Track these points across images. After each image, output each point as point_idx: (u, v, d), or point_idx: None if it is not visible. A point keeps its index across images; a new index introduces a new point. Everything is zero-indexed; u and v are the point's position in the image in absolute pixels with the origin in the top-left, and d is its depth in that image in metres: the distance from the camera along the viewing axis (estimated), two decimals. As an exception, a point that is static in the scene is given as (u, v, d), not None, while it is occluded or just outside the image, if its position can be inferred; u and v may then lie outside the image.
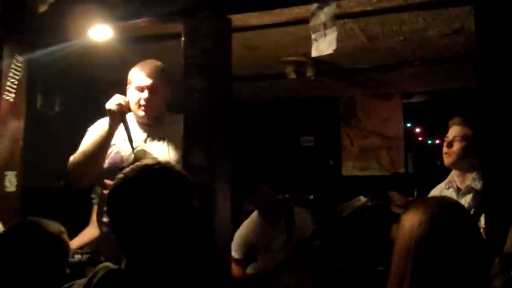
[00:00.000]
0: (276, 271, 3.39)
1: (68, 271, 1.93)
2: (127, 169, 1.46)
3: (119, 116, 2.51)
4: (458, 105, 5.16)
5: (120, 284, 1.36)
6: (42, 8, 2.68)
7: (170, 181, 1.43)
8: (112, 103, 2.50)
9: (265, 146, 5.54)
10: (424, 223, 1.44)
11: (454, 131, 2.80)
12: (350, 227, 4.13)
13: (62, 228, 1.94)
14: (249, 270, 3.71)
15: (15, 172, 2.76)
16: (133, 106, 2.64)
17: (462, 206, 1.60)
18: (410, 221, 1.47)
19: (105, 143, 2.56)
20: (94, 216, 3.46)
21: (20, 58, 2.78)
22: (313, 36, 2.26)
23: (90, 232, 3.43)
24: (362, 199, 3.69)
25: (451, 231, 1.43)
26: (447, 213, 1.47)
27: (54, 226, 1.92)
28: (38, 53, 2.80)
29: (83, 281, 1.40)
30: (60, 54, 2.84)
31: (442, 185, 2.86)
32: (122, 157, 2.63)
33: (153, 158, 2.36)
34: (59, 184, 3.91)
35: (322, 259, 3.65)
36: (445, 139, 2.82)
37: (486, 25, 1.96)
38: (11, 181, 2.74)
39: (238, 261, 3.71)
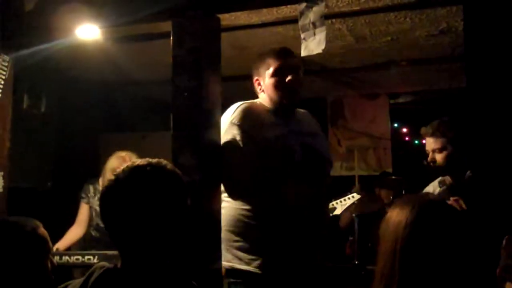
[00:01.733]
0: None
1: (50, 265, 1.86)
2: (119, 171, 1.46)
3: None
4: (444, 105, 5.21)
5: (118, 283, 1.36)
6: (29, 7, 2.65)
7: (161, 182, 1.44)
8: None
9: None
10: (408, 223, 1.41)
11: (429, 144, 2.72)
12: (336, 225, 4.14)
13: (36, 223, 1.83)
14: None
15: (2, 173, 2.72)
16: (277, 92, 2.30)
17: (446, 203, 1.57)
18: (395, 221, 1.44)
19: None
20: (81, 216, 3.43)
21: (6, 58, 2.74)
22: (302, 36, 2.26)
23: (76, 231, 3.39)
24: (356, 196, 3.69)
25: (435, 230, 1.40)
26: (430, 212, 1.44)
27: (27, 222, 1.87)
28: (24, 52, 2.75)
29: (78, 281, 1.39)
30: (46, 53, 2.80)
31: (435, 183, 2.83)
32: None
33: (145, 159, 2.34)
34: (46, 185, 3.89)
35: None
36: (426, 151, 2.73)
37: (475, 24, 1.97)
38: (-2, 182, 2.70)
39: None
